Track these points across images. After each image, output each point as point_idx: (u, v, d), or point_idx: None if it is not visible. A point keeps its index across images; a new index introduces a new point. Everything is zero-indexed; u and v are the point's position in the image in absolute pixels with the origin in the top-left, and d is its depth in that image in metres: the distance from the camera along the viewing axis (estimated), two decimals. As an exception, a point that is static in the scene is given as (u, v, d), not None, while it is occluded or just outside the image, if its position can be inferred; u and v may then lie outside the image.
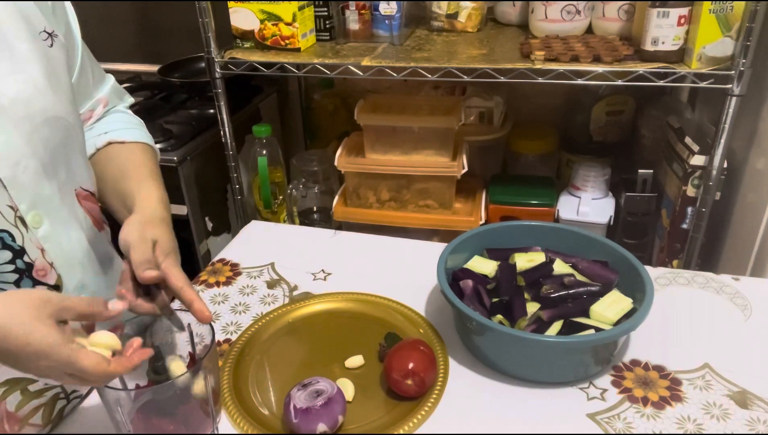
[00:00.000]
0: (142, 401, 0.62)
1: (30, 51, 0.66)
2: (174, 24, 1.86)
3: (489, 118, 1.50)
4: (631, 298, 0.77)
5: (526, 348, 0.72)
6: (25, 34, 0.66)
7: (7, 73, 0.63)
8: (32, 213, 0.65)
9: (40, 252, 0.66)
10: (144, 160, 0.81)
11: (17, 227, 0.64)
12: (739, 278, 0.91)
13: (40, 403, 0.70)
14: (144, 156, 0.82)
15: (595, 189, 1.36)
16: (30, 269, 0.65)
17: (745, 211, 1.23)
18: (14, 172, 0.63)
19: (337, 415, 0.65)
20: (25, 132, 0.64)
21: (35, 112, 0.65)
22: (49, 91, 0.67)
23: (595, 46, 1.16)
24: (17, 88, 0.63)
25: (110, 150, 0.81)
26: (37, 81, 0.66)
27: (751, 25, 1.01)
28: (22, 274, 0.65)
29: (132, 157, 0.81)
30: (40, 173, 0.66)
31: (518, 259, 0.85)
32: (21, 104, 0.63)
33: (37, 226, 0.66)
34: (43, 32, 0.68)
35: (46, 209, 0.67)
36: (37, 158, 0.65)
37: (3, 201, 0.62)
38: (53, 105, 0.67)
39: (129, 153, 0.81)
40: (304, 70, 1.25)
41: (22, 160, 0.63)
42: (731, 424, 0.67)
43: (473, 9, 1.35)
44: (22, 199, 0.64)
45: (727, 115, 1.08)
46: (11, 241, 0.63)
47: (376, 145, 1.32)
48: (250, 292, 0.93)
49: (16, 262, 0.64)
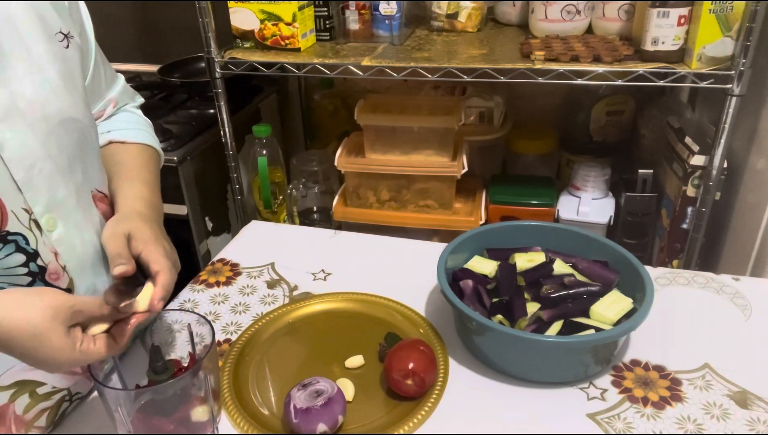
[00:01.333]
0: (142, 401, 0.62)
1: (46, 52, 0.65)
2: (174, 24, 1.86)
3: (489, 118, 1.50)
4: (631, 298, 0.77)
5: (526, 348, 0.72)
6: (42, 36, 0.65)
7: (24, 75, 0.63)
8: (47, 216, 0.65)
9: (53, 255, 0.65)
10: (138, 160, 0.81)
11: (31, 230, 0.63)
12: (739, 278, 0.91)
13: (47, 406, 0.70)
14: (140, 157, 0.82)
15: (595, 189, 1.36)
16: (43, 273, 0.65)
17: (745, 211, 1.23)
18: (30, 174, 0.62)
19: (337, 415, 0.65)
20: (41, 134, 0.63)
21: (51, 113, 0.65)
22: (65, 92, 0.67)
23: (595, 46, 1.16)
24: (34, 89, 0.63)
25: (109, 149, 0.81)
26: (54, 82, 0.65)
27: (751, 25, 1.01)
28: (35, 278, 0.64)
29: (126, 157, 0.81)
30: (55, 176, 0.65)
31: (518, 259, 0.85)
32: (38, 106, 0.63)
33: (52, 230, 0.65)
34: (59, 33, 0.68)
35: (61, 212, 0.66)
36: (53, 160, 0.65)
37: (18, 204, 0.62)
38: (69, 107, 0.67)
39: (125, 153, 0.81)
40: (304, 70, 1.25)
41: (37, 162, 0.63)
42: (731, 424, 0.67)
43: (473, 9, 1.35)
44: (36, 202, 0.63)
45: (727, 115, 1.08)
46: (25, 244, 0.63)
47: (376, 145, 1.32)
48: (250, 292, 0.93)
49: (30, 265, 0.63)
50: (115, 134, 0.82)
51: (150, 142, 0.86)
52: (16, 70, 0.62)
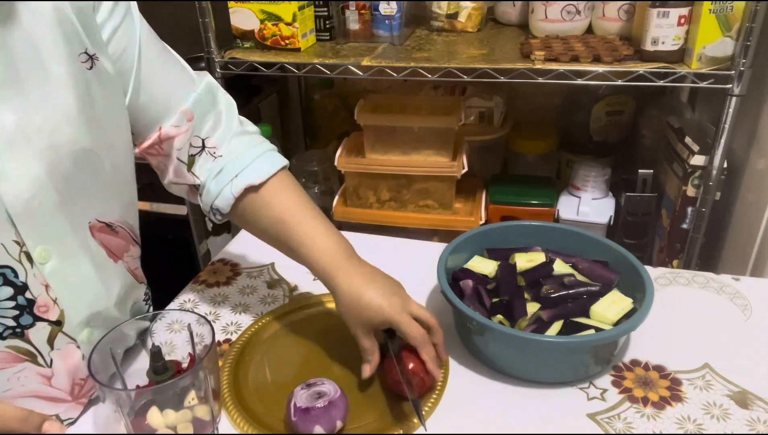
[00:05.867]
0: (142, 401, 0.62)
1: (67, 75, 0.61)
2: (174, 24, 1.85)
3: (489, 118, 1.50)
4: (631, 298, 0.77)
5: (526, 348, 0.72)
6: (65, 58, 0.61)
7: (38, 100, 0.59)
8: (39, 248, 0.61)
9: (44, 288, 0.63)
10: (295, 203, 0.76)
11: (21, 263, 0.60)
12: (739, 278, 0.91)
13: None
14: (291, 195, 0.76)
15: (595, 189, 1.36)
16: (31, 305, 0.62)
17: (745, 211, 1.23)
18: (27, 207, 0.59)
19: (336, 419, 0.65)
20: (47, 163, 0.60)
21: (61, 143, 0.61)
22: (81, 120, 0.62)
23: (595, 46, 1.16)
24: (45, 116, 0.60)
25: (256, 202, 0.76)
26: (69, 109, 0.61)
27: (751, 25, 1.01)
28: (23, 311, 0.62)
29: (282, 206, 0.75)
30: (56, 207, 0.62)
31: (518, 259, 0.85)
32: (46, 135, 0.60)
33: (44, 262, 0.62)
34: (84, 54, 0.63)
35: (56, 244, 0.63)
36: (56, 192, 0.61)
37: (9, 236, 0.59)
38: (82, 136, 0.63)
39: (276, 202, 0.75)
40: (304, 70, 1.25)
41: (38, 194, 0.60)
42: (731, 424, 0.67)
43: (473, 9, 1.35)
44: (30, 235, 0.60)
45: (727, 115, 1.08)
46: (13, 277, 0.60)
47: (376, 145, 1.32)
48: (250, 292, 0.93)
49: (17, 298, 0.61)
50: (246, 177, 0.74)
51: (276, 159, 0.78)
52: (30, 96, 0.59)
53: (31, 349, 0.64)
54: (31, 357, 0.64)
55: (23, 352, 0.63)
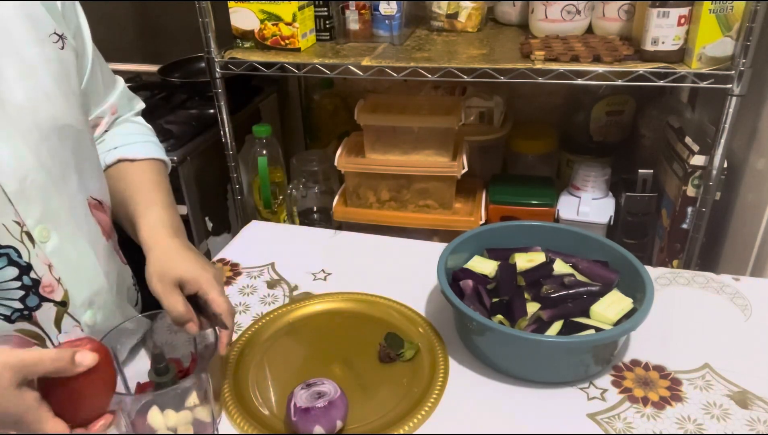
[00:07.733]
0: (143, 401, 0.62)
1: (39, 55, 0.63)
2: (174, 24, 1.86)
3: (489, 118, 1.50)
4: (631, 298, 0.77)
5: (526, 348, 0.72)
6: (34, 38, 0.63)
7: (15, 80, 0.61)
8: (39, 227, 0.63)
9: (47, 268, 0.64)
10: (151, 180, 0.79)
11: (23, 243, 0.61)
12: (739, 278, 0.91)
13: None
14: (153, 175, 0.80)
15: (595, 189, 1.36)
16: (37, 286, 0.63)
17: (745, 211, 1.23)
18: (22, 186, 0.60)
19: (335, 420, 0.65)
20: (33, 142, 0.61)
21: (44, 120, 0.63)
22: (59, 97, 0.65)
23: (595, 46, 1.16)
24: (25, 95, 0.61)
25: (120, 169, 0.79)
26: (47, 87, 0.63)
27: (751, 25, 1.01)
28: (29, 291, 0.63)
29: (139, 178, 0.79)
30: (48, 185, 0.63)
31: (518, 259, 0.85)
32: (29, 113, 0.61)
33: (45, 241, 0.63)
34: (54, 34, 0.66)
35: (55, 223, 0.64)
36: (46, 169, 0.63)
37: (9, 216, 0.60)
38: (63, 112, 0.65)
39: (137, 173, 0.79)
40: (304, 70, 1.25)
41: (30, 172, 0.61)
42: (731, 424, 0.67)
43: (473, 9, 1.35)
44: (29, 214, 0.61)
45: (727, 115, 1.08)
46: (17, 258, 0.61)
47: (376, 145, 1.32)
48: (250, 292, 0.93)
49: (23, 278, 0.62)
50: (123, 151, 0.80)
51: (159, 155, 0.84)
52: (6, 75, 0.60)
53: (39, 333, 0.65)
54: (40, 341, 0.65)
55: (32, 335, 0.64)
